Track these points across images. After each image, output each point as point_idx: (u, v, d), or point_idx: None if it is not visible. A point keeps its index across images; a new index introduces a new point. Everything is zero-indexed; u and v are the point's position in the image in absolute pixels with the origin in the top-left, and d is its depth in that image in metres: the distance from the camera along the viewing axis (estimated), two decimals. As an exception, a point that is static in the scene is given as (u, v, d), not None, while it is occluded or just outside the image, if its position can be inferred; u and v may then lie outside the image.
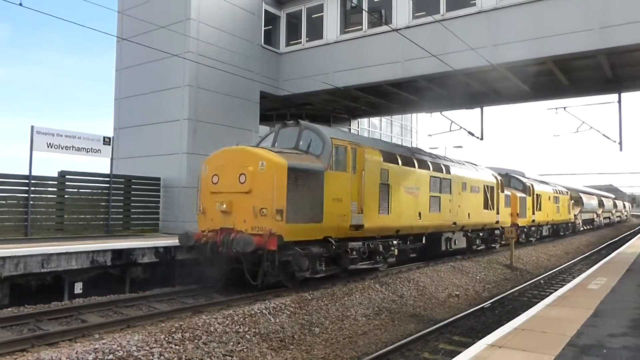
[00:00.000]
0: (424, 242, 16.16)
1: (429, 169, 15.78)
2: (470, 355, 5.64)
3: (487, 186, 20.21)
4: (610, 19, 13.64)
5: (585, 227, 43.01)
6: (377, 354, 8.14)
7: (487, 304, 12.65)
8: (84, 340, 7.11)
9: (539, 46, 14.80)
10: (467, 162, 20.57)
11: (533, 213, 26.84)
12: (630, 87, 18.25)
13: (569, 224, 36.48)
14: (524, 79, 17.68)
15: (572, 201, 37.08)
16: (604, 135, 19.36)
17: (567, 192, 35.45)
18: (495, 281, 16.68)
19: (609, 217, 57.53)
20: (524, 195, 25.68)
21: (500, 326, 7.26)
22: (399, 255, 14.42)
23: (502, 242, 22.26)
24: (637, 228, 55.58)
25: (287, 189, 10.25)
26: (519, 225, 23.94)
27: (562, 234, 34.12)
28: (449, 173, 17.11)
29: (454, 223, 17.29)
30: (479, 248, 20.24)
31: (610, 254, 19.47)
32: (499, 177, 21.81)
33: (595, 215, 47.84)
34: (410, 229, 14.75)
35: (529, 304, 11.65)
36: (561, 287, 11.77)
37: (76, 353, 6.53)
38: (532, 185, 27.34)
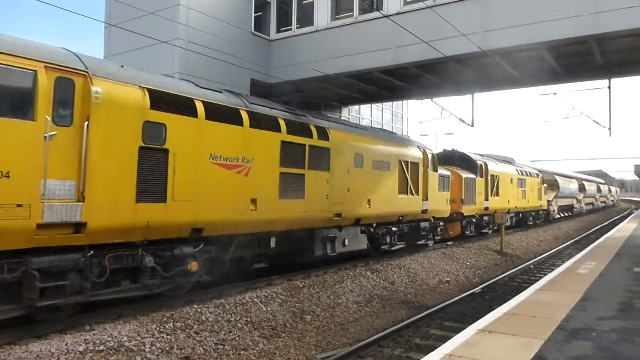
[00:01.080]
0: (273, 245, 10.73)
1: (280, 130, 10.39)
2: (461, 340, 5.68)
3: (406, 162, 15.24)
4: (601, 4, 13.62)
5: (563, 215, 39.14)
6: (368, 340, 8.18)
7: (477, 289, 12.75)
8: (74, 332, 7.05)
9: (531, 32, 14.76)
10: (381, 129, 16.63)
11: (486, 199, 22.14)
12: (619, 73, 18.27)
13: (541, 212, 32.02)
14: (515, 65, 17.66)
15: (545, 185, 32.75)
16: (593, 120, 19.41)
17: (538, 175, 31.01)
18: (486, 267, 16.81)
19: (593, 203, 52.85)
20: (472, 176, 21.05)
21: (491, 311, 7.32)
22: (208, 273, 9.24)
23: (438, 237, 17.98)
24: (626, 212, 56.06)
25: None
26: (464, 214, 19.98)
27: (530, 223, 29.57)
28: (326, 139, 11.66)
29: (338, 215, 12.09)
30: (394, 248, 15.28)
31: (599, 238, 19.66)
32: (429, 152, 17.01)
33: (575, 201, 43.12)
34: (230, 226, 9.31)
35: (519, 289, 11.76)
36: (551, 271, 11.88)
37: (66, 345, 6.49)
38: (484, 164, 22.62)
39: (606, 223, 38.53)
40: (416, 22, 16.09)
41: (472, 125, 20.65)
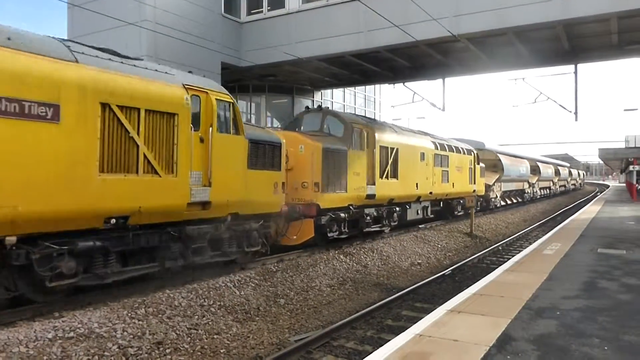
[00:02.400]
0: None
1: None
2: (431, 320, 5.80)
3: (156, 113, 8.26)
4: (568, -10, 13.89)
5: (509, 202, 33.48)
6: (341, 322, 8.27)
7: (447, 271, 13.00)
8: (42, 319, 6.93)
9: (500, 17, 14.97)
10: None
11: (372, 182, 14.74)
12: (586, 58, 18.72)
13: (475, 199, 23.58)
14: (485, 50, 17.88)
15: (482, 165, 26.01)
16: (560, 105, 19.87)
17: (470, 152, 23.92)
18: (456, 249, 17.15)
19: (549, 187, 47.57)
20: (338, 147, 13.48)
21: (460, 292, 7.48)
22: None
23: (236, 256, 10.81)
24: (591, 195, 57.71)
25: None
26: (321, 206, 12.68)
27: (459, 213, 22.91)
28: None
29: None
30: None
31: (565, 220, 20.24)
32: (217, 96, 9.60)
33: (526, 185, 36.94)
34: None
35: (487, 270, 12.03)
36: (518, 253, 12.20)
37: (34, 332, 6.37)
38: (368, 130, 14.87)
39: (571, 206, 39.63)
40: (388, 5, 16.10)
41: (444, 110, 20.91)
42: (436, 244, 16.92)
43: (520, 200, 35.71)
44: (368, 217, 14.99)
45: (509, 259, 11.25)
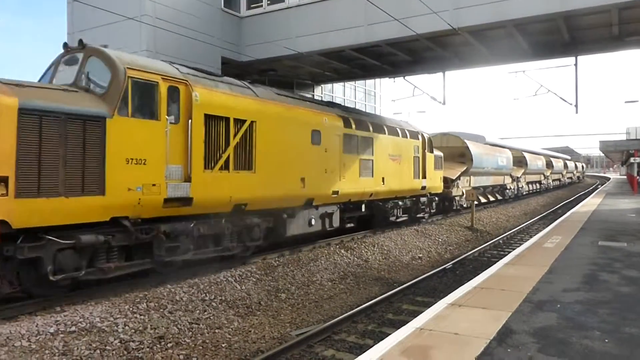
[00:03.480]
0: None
1: None
2: (432, 314, 5.81)
3: None
4: (568, -18, 13.82)
5: (483, 200, 27.72)
6: (342, 316, 8.30)
7: (448, 265, 13.02)
8: (44, 313, 6.96)
9: (499, 10, 14.90)
10: None
11: (187, 178, 8.97)
12: (586, 50, 18.63)
13: (427, 199, 19.15)
14: (485, 43, 17.81)
15: (435, 154, 19.90)
16: (561, 98, 19.80)
17: (417, 135, 18.48)
18: (457, 243, 17.16)
19: (540, 182, 41.89)
20: (92, 111, 7.65)
21: (461, 286, 7.49)
22: None
23: None
24: (591, 188, 57.62)
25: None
26: (11, 223, 6.61)
27: (395, 219, 16.97)
28: None
29: None
30: None
31: (565, 213, 20.24)
32: None
33: (509, 179, 32.03)
34: None
35: (488, 264, 12.05)
36: (519, 246, 12.20)
37: (36, 326, 6.41)
38: (184, 88, 9.07)
39: (572, 199, 39.60)
40: (388, -1, 15.99)
41: (444, 104, 20.85)
42: (437, 238, 16.93)
43: (500, 197, 30.58)
44: (168, 240, 8.85)
45: (510, 252, 11.27)
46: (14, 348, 5.87)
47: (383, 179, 15.57)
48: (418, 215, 18.78)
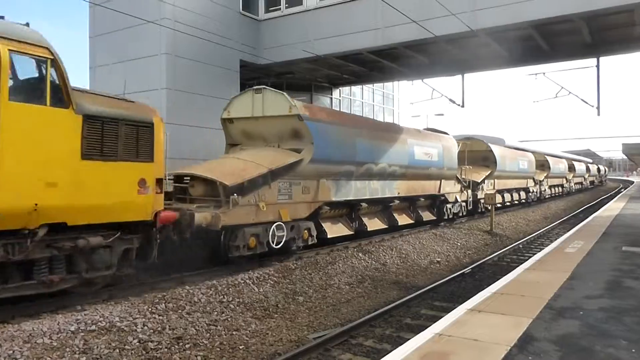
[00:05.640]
0: None
1: None
2: (451, 319, 5.74)
3: None
4: (590, -18, 13.61)
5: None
6: (360, 320, 8.25)
7: (467, 269, 12.88)
8: (65, 312, 7.07)
9: (519, 11, 14.74)
10: None
11: None
12: (608, 51, 18.32)
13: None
14: (504, 45, 17.63)
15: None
16: (582, 100, 19.50)
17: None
18: (476, 247, 16.97)
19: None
20: None
21: (480, 291, 7.39)
22: None
23: None
24: (614, 192, 56.54)
25: None
26: None
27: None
28: None
29: None
30: None
31: (587, 217, 19.89)
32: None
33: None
34: None
35: (508, 269, 11.88)
36: (539, 251, 12.01)
37: (58, 324, 6.50)
38: None
39: (594, 203, 38.91)
40: (405, 1, 15.96)
41: (463, 106, 20.69)
42: (455, 242, 16.78)
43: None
44: None
45: (530, 257, 11.09)
46: (36, 345, 5.96)
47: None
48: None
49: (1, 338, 5.97)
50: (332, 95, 27.20)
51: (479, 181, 22.34)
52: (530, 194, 31.64)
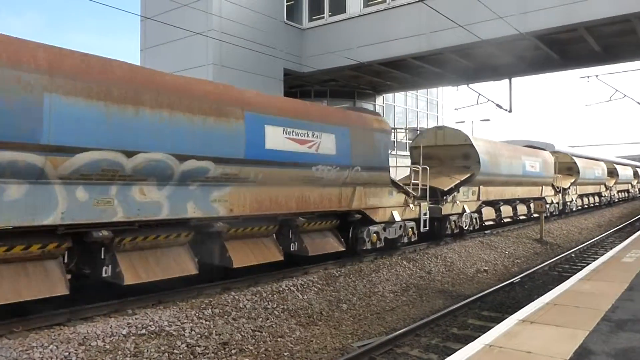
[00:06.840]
0: None
1: None
2: (502, 330, 5.56)
3: None
4: (646, -19, 13.05)
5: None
6: (405, 329, 8.12)
7: (516, 279, 12.48)
8: (117, 315, 7.29)
9: (569, 12, 14.28)
10: None
11: None
12: (667, 52, 17.50)
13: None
14: (554, 47, 17.11)
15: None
16: (638, 103, 18.66)
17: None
18: (525, 256, 16.44)
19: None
20: None
21: (531, 301, 7.14)
22: None
23: None
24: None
25: None
26: None
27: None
28: None
29: None
30: None
31: (645, 227, 18.96)
32: None
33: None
34: None
35: (560, 279, 11.44)
36: (594, 260, 11.52)
37: (110, 327, 6.71)
38: None
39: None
40: (450, 5, 15.76)
41: (510, 111, 20.20)
42: (503, 250, 16.31)
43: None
44: None
45: (584, 266, 10.65)
46: (91, 347, 6.17)
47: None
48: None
49: (58, 340, 6.22)
50: (375, 102, 27.10)
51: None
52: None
